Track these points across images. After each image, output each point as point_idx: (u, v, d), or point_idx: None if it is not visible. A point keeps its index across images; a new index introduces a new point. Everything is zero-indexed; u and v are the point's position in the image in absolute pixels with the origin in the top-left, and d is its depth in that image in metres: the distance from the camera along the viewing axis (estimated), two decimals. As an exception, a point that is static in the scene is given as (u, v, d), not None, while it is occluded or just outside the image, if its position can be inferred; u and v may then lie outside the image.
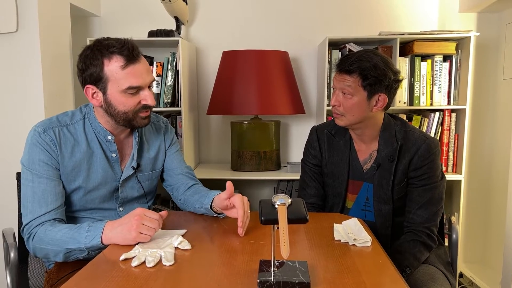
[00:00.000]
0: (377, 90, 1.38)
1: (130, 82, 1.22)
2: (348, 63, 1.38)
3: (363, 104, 1.39)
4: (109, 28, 2.57)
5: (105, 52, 1.21)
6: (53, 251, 1.18)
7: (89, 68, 1.22)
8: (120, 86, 1.22)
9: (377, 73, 1.36)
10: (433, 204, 1.42)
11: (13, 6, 1.83)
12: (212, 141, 2.69)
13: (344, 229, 1.22)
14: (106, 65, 1.21)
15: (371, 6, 2.55)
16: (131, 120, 1.28)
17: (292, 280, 0.88)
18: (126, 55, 1.21)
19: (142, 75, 1.24)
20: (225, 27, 2.59)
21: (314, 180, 1.58)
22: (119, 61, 1.21)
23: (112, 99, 1.24)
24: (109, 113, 1.27)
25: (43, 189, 1.23)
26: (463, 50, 2.27)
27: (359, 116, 1.41)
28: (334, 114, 1.47)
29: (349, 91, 1.38)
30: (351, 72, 1.37)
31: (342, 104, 1.41)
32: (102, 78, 1.22)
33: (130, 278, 0.93)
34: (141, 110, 1.28)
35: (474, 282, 2.43)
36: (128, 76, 1.22)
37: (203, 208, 1.34)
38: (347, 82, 1.38)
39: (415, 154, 1.42)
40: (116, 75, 1.21)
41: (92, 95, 1.26)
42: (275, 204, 0.92)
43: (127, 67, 1.22)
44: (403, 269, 1.34)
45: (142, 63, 1.25)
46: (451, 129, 2.32)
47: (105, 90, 1.24)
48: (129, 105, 1.25)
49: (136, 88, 1.24)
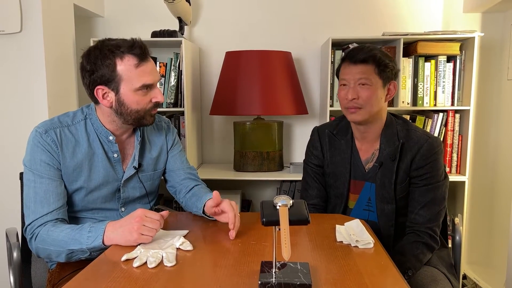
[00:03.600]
0: (389, 77, 1.42)
1: (144, 80, 1.25)
2: (362, 52, 1.39)
3: (381, 93, 1.41)
4: (112, 29, 2.58)
5: (117, 52, 1.22)
6: (55, 251, 1.18)
7: (100, 69, 1.23)
8: (134, 84, 1.24)
9: (389, 60, 1.41)
10: (436, 204, 1.41)
11: (17, 6, 1.84)
12: (215, 141, 2.70)
13: (346, 230, 1.22)
14: (119, 65, 1.22)
15: (374, 6, 2.54)
16: (142, 119, 1.30)
17: (294, 281, 0.87)
18: (138, 54, 1.24)
19: (153, 72, 1.28)
20: (228, 28, 2.59)
21: (316, 181, 1.58)
22: (132, 60, 1.23)
23: (125, 98, 1.25)
24: (119, 113, 1.28)
25: (45, 190, 1.24)
26: (467, 51, 2.26)
27: (377, 107, 1.41)
28: (351, 110, 1.41)
29: (368, 80, 1.38)
30: (366, 61, 1.38)
31: (360, 96, 1.39)
32: (114, 78, 1.23)
33: (132, 279, 0.93)
34: (152, 108, 1.31)
35: (478, 284, 2.42)
36: (142, 75, 1.24)
37: (198, 212, 1.36)
38: (364, 71, 1.38)
39: (417, 153, 1.41)
40: (130, 73, 1.23)
41: (103, 96, 1.26)
42: (276, 205, 0.92)
43: (140, 66, 1.24)
44: (405, 271, 1.33)
45: (151, 61, 1.29)
46: (455, 130, 2.31)
47: (118, 90, 1.25)
48: (142, 103, 1.27)
49: (149, 86, 1.27)
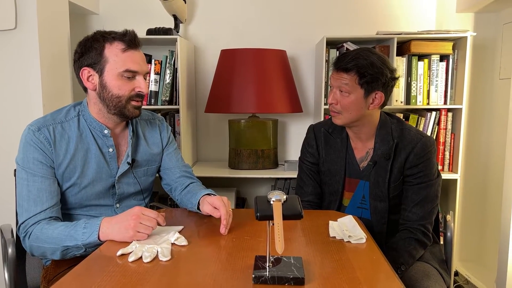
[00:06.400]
0: (374, 88, 1.39)
1: (128, 66, 1.26)
2: (345, 61, 1.39)
3: (360, 102, 1.40)
4: (107, 26, 2.56)
5: (108, 37, 1.26)
6: (50, 249, 1.18)
7: (88, 51, 1.25)
8: (118, 68, 1.25)
9: (374, 71, 1.37)
10: (429, 202, 1.43)
11: (12, 3, 1.84)
12: (210, 139, 2.70)
13: (339, 226, 1.23)
14: (107, 48, 1.25)
15: (369, 5, 2.56)
16: (123, 108, 1.29)
17: (287, 275, 0.89)
18: (128, 41, 1.26)
19: (140, 61, 1.29)
20: (224, 26, 2.60)
21: (311, 179, 1.59)
22: (120, 45, 1.26)
23: (108, 81, 1.26)
24: (102, 97, 1.28)
25: (38, 188, 1.23)
26: (460, 50, 2.29)
27: (356, 114, 1.42)
28: (332, 113, 1.48)
29: (346, 89, 1.39)
30: (348, 70, 1.38)
31: (339, 102, 1.42)
32: (100, 60, 1.25)
33: (127, 273, 0.94)
34: (133, 97, 1.30)
35: (469, 281, 2.45)
36: (127, 60, 1.26)
37: (193, 208, 1.37)
38: (344, 80, 1.39)
39: (411, 152, 1.43)
40: (116, 57, 1.25)
41: (88, 78, 1.28)
42: (270, 200, 0.93)
43: (127, 51, 1.26)
44: (398, 266, 1.35)
45: (141, 53, 1.31)
46: (448, 128, 2.33)
47: (102, 72, 1.26)
48: (124, 89, 1.27)
49: (133, 73, 1.27)
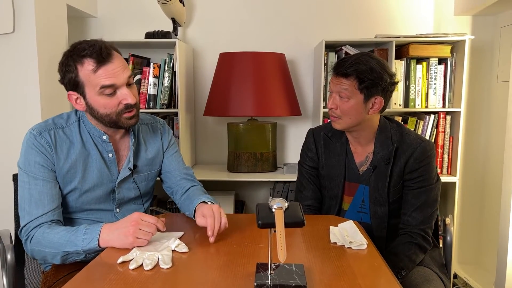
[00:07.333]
0: (373, 93, 1.39)
1: (102, 82, 1.21)
2: (344, 66, 1.39)
3: (360, 107, 1.40)
4: (105, 29, 2.57)
5: (76, 57, 1.22)
6: (50, 253, 1.19)
7: (66, 75, 1.24)
8: (95, 87, 1.22)
9: (374, 76, 1.37)
10: (428, 207, 1.44)
11: (10, 7, 1.83)
12: (209, 142, 2.70)
13: (340, 231, 1.23)
14: (80, 70, 1.22)
15: (367, 9, 2.56)
16: (116, 122, 1.28)
17: (289, 283, 0.88)
18: (96, 58, 1.20)
19: (115, 74, 1.22)
20: (222, 29, 2.59)
21: (310, 183, 1.59)
22: (90, 64, 1.21)
23: (92, 102, 1.25)
24: (94, 116, 1.28)
25: (40, 191, 1.24)
26: (458, 53, 2.29)
27: (355, 119, 1.42)
28: (331, 117, 1.48)
29: (346, 94, 1.40)
30: (348, 76, 1.38)
31: (339, 107, 1.43)
32: (79, 83, 1.23)
33: (128, 281, 0.94)
34: (123, 111, 1.27)
35: (468, 283, 2.45)
36: (100, 77, 1.21)
37: (190, 215, 1.36)
38: (344, 85, 1.39)
39: (411, 157, 1.43)
40: (90, 78, 1.22)
41: (75, 101, 1.28)
42: (272, 208, 0.92)
43: (98, 69, 1.21)
44: (398, 271, 1.35)
45: (114, 62, 1.23)
46: (446, 131, 2.34)
47: (85, 95, 1.25)
48: (109, 106, 1.25)
49: (110, 87, 1.23)
